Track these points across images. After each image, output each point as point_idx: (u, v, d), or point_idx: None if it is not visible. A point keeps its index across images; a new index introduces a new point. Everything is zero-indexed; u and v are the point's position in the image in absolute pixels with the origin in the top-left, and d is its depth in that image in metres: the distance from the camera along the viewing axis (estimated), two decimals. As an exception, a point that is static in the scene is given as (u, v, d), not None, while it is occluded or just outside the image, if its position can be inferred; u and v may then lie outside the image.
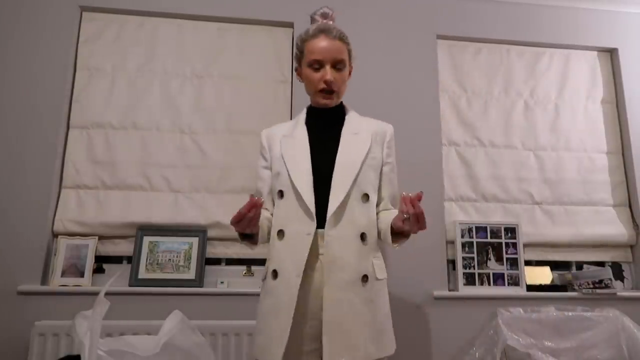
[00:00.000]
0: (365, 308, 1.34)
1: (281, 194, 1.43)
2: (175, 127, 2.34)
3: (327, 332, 1.29)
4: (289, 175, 1.41)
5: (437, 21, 2.61)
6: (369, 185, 1.44)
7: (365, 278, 1.36)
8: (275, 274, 1.37)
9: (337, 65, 1.45)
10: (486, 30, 2.65)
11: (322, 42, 1.43)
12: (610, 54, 2.78)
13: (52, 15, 2.31)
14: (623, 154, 2.66)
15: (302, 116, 1.55)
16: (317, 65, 1.44)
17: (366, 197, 1.42)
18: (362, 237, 1.38)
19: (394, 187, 1.54)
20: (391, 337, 1.42)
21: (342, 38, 1.46)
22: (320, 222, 1.36)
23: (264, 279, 1.43)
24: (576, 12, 2.75)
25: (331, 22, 1.50)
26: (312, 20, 1.52)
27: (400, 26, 2.57)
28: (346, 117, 1.53)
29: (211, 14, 2.44)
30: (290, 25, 2.50)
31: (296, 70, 1.55)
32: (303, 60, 1.48)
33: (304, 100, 2.28)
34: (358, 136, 1.48)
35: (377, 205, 1.50)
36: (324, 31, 1.45)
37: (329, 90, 1.45)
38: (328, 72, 1.43)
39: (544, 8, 2.73)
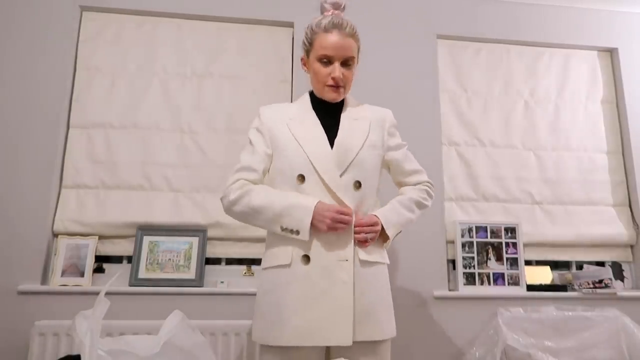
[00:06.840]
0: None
1: (302, 178, 1.40)
2: (175, 126, 2.34)
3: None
4: (308, 158, 1.40)
5: (437, 21, 2.61)
6: (366, 173, 1.44)
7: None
8: (307, 259, 1.36)
9: (347, 62, 1.44)
10: (486, 30, 2.65)
11: (334, 38, 1.41)
12: (610, 54, 2.78)
13: (52, 15, 2.31)
14: (623, 154, 2.66)
15: (307, 102, 1.53)
16: (327, 60, 1.43)
17: (358, 184, 1.42)
18: None
19: (412, 162, 1.57)
20: (388, 322, 1.40)
21: (353, 35, 1.45)
22: None
23: (288, 264, 1.37)
24: (576, 12, 2.75)
25: (342, 14, 1.48)
26: (322, 8, 1.49)
27: (400, 26, 2.57)
28: (345, 104, 1.53)
29: (211, 14, 2.44)
30: (290, 25, 2.50)
31: (302, 59, 1.53)
32: (312, 52, 1.46)
33: (304, 100, 2.28)
34: (357, 122, 1.49)
35: (406, 182, 1.57)
36: (337, 26, 1.42)
37: (336, 86, 1.44)
38: (337, 69, 1.42)
39: (544, 8, 2.73)
